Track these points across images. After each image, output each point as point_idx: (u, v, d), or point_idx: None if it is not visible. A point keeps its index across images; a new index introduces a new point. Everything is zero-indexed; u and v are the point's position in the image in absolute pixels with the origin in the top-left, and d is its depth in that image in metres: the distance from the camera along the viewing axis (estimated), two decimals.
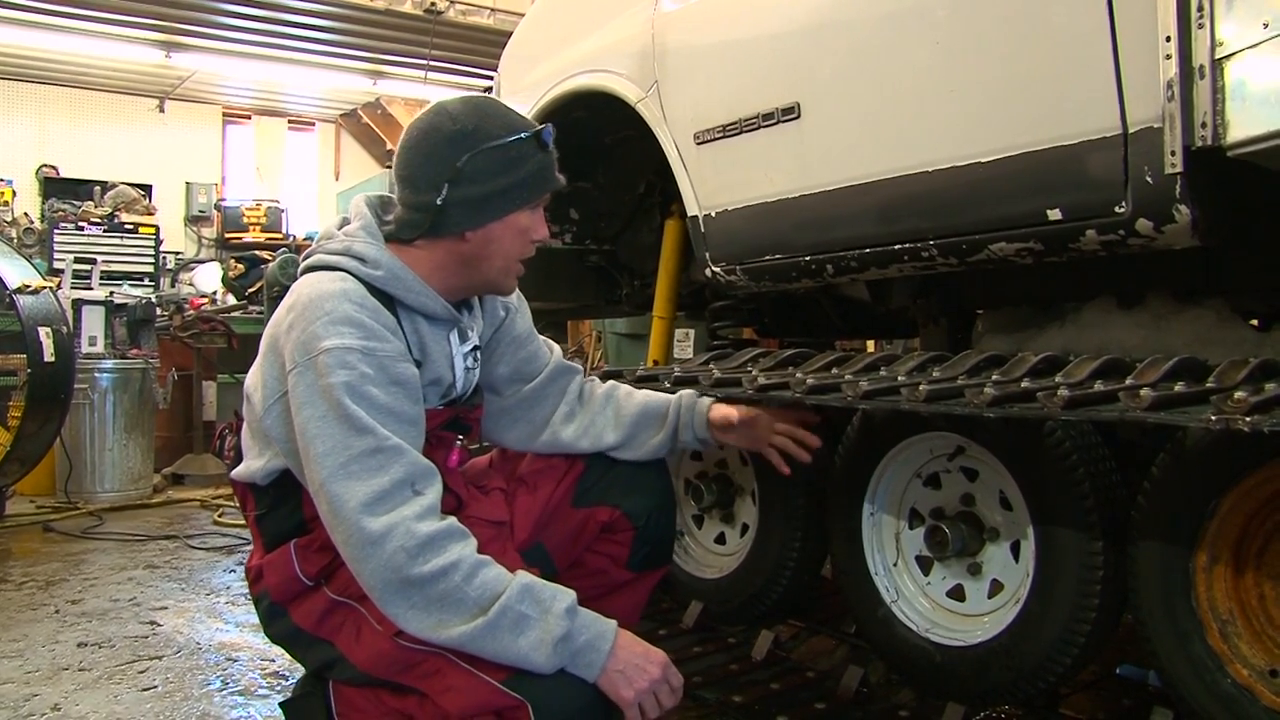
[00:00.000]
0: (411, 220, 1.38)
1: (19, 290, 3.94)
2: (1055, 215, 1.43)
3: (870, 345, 3.72)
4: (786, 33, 1.83)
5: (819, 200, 1.78)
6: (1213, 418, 1.12)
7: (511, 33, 2.87)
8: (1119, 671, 1.74)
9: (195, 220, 8.71)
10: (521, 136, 1.37)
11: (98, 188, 7.77)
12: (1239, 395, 1.14)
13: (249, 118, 9.36)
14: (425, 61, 6.97)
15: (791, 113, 1.81)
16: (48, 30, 6.70)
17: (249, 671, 2.23)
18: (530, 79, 2.58)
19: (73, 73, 7.91)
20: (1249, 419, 1.09)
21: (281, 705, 1.47)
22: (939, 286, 2.02)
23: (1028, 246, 1.51)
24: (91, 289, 5.11)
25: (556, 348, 1.70)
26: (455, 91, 1.57)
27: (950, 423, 1.63)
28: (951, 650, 1.64)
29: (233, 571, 3.22)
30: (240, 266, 6.44)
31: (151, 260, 7.53)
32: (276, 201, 8.77)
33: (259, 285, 5.85)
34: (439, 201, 1.34)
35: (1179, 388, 1.22)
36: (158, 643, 2.46)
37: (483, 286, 1.47)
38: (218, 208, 8.65)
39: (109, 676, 2.21)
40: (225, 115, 9.18)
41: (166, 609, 2.77)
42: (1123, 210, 1.35)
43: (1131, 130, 1.32)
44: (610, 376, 1.91)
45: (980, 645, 1.60)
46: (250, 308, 5.75)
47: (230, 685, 2.15)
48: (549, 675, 1.19)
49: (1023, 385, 1.36)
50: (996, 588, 1.65)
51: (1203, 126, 1.21)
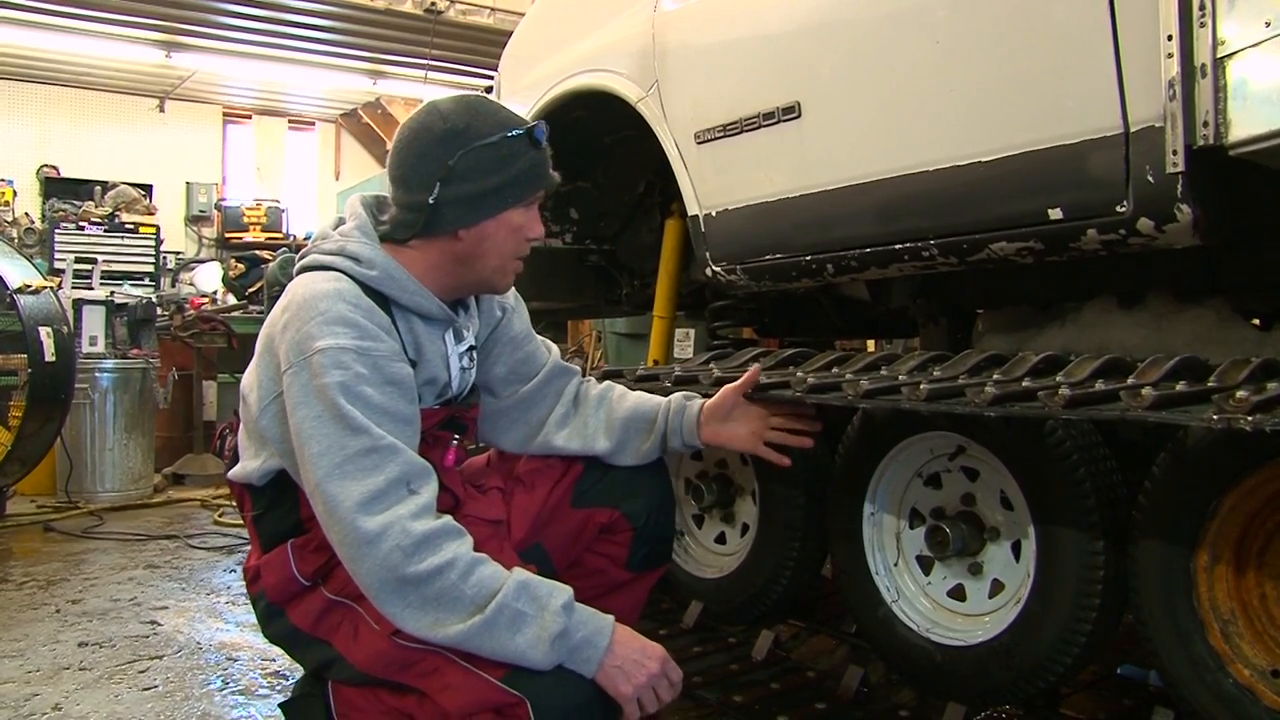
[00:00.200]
0: (405, 220, 1.38)
1: (20, 290, 3.94)
2: (1056, 214, 1.43)
3: (870, 345, 3.72)
4: (787, 32, 1.83)
5: (819, 200, 1.78)
6: (1214, 417, 1.12)
7: (511, 32, 2.87)
8: (1120, 671, 1.74)
9: (196, 220, 8.72)
10: (513, 134, 1.36)
11: (98, 188, 7.78)
12: (1240, 395, 1.14)
13: (249, 117, 9.36)
14: (425, 61, 6.97)
15: (792, 112, 1.81)
16: (49, 30, 6.71)
17: (249, 671, 2.23)
18: (530, 78, 2.58)
19: (74, 73, 7.92)
20: (1250, 418, 1.09)
21: (281, 706, 1.47)
22: (939, 286, 2.02)
23: (1028, 246, 1.50)
24: (92, 289, 5.12)
25: (555, 348, 1.70)
26: (455, 91, 1.56)
27: (951, 422, 1.63)
28: (952, 650, 1.64)
29: (233, 571, 3.22)
30: (240, 266, 6.44)
31: (152, 260, 7.54)
32: (277, 201, 8.78)
33: (259, 285, 5.86)
34: (431, 200, 1.34)
35: (1180, 387, 1.22)
36: (158, 642, 2.45)
37: (478, 285, 1.46)
38: (218, 207, 8.66)
39: (109, 676, 2.21)
40: (226, 115, 9.19)
41: (167, 609, 2.77)
42: (1124, 209, 1.35)
43: (1133, 129, 1.32)
44: (610, 376, 1.91)
45: (981, 645, 1.59)
46: (250, 307, 5.75)
47: (231, 685, 2.15)
48: (547, 672, 1.18)
49: (1023, 384, 1.35)
50: (997, 587, 1.65)
51: (1204, 125, 1.21)
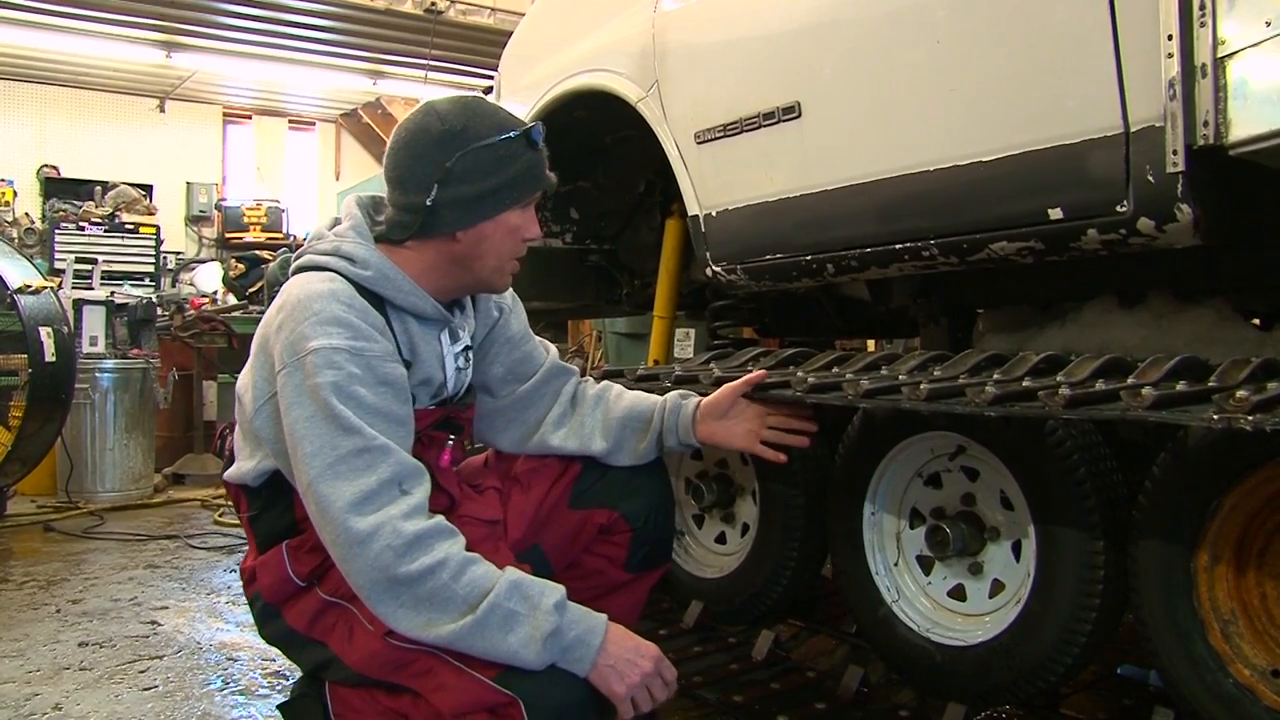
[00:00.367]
0: (402, 221, 1.38)
1: (20, 290, 3.94)
2: (1056, 214, 1.43)
3: (870, 345, 3.71)
4: (787, 32, 1.83)
5: (819, 200, 1.78)
6: (1214, 417, 1.12)
7: (512, 32, 2.87)
8: (1120, 671, 1.74)
9: (196, 220, 8.73)
10: (510, 135, 1.36)
11: (98, 188, 7.79)
12: (1241, 394, 1.14)
13: (249, 117, 9.37)
14: (425, 61, 6.97)
15: (792, 112, 1.81)
16: (48, 30, 6.72)
17: (249, 671, 2.23)
18: (530, 79, 2.58)
19: (73, 73, 7.92)
20: (1251, 418, 1.09)
21: (280, 708, 1.47)
22: (939, 286, 2.02)
23: (1029, 246, 1.50)
24: (92, 289, 5.12)
25: (553, 349, 1.69)
26: (456, 91, 1.56)
27: (951, 422, 1.63)
28: (952, 650, 1.64)
29: (233, 571, 3.21)
30: (241, 266, 6.44)
31: (152, 260, 7.55)
32: (277, 201, 8.79)
33: (259, 285, 5.86)
34: (429, 202, 1.34)
35: (1180, 387, 1.22)
36: (158, 642, 2.45)
37: (476, 286, 1.47)
38: (218, 208, 8.66)
39: (110, 676, 2.21)
40: (226, 115, 9.19)
41: (167, 609, 2.77)
42: (1124, 209, 1.35)
43: (1133, 129, 1.32)
44: (610, 376, 1.91)
45: (981, 645, 1.59)
46: (251, 307, 5.74)
47: (231, 685, 2.15)
48: (540, 671, 1.18)
49: (1024, 384, 1.35)
50: (997, 587, 1.65)
51: (1204, 125, 1.21)
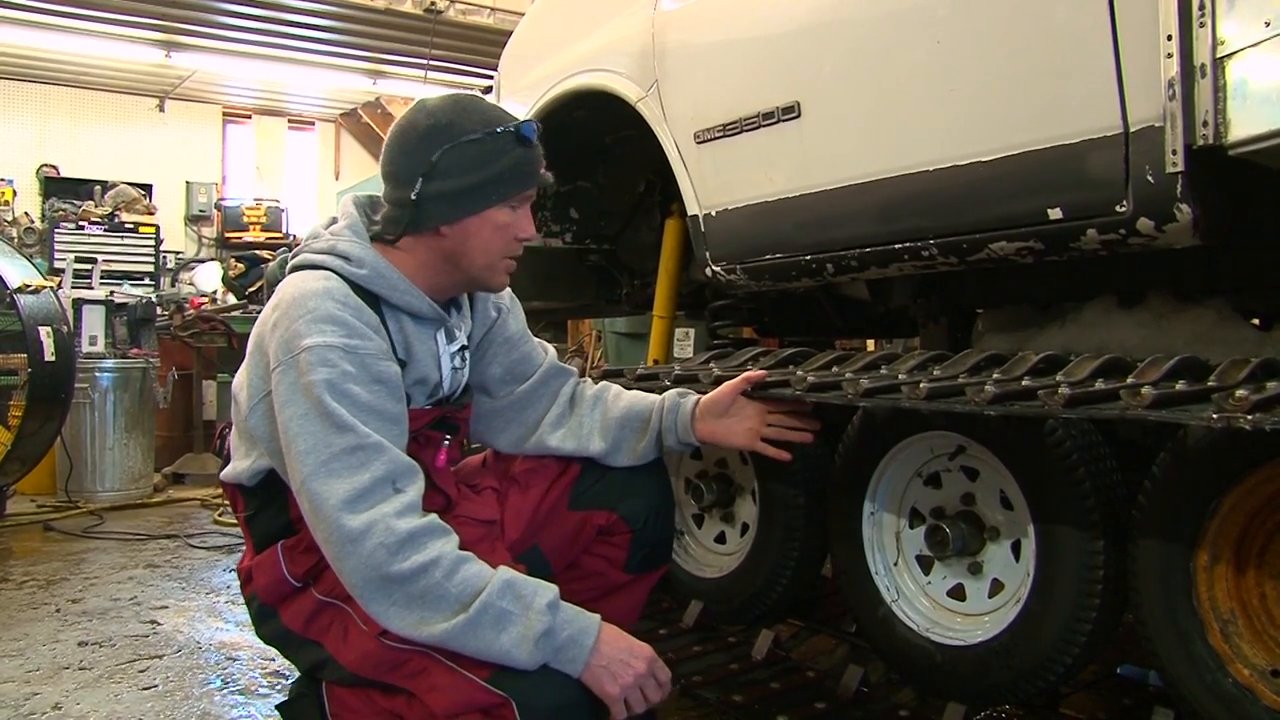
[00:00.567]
0: (393, 216, 1.38)
1: (20, 290, 3.94)
2: (1056, 214, 1.43)
3: (870, 344, 3.72)
4: (787, 32, 1.83)
5: (819, 199, 1.78)
6: (1214, 416, 1.12)
7: (512, 32, 2.87)
8: (1120, 671, 1.74)
9: (195, 220, 8.73)
10: (496, 131, 1.35)
11: (98, 187, 7.79)
12: (1240, 394, 1.14)
13: (249, 117, 9.36)
14: (425, 61, 6.97)
15: (792, 112, 1.81)
16: (48, 30, 6.71)
17: (249, 670, 2.23)
18: (530, 78, 2.57)
19: (73, 72, 7.92)
20: (1250, 417, 1.09)
21: (278, 708, 1.47)
22: (939, 286, 2.02)
23: (1028, 246, 1.50)
24: (92, 288, 5.11)
25: (551, 349, 1.69)
26: (455, 91, 1.56)
27: (951, 421, 1.63)
28: (952, 650, 1.64)
29: (233, 571, 3.21)
30: (240, 266, 6.44)
31: (152, 260, 7.55)
32: (277, 201, 8.79)
33: (259, 285, 5.86)
34: (413, 196, 1.34)
35: (1180, 386, 1.22)
36: (158, 642, 2.45)
37: (469, 284, 1.46)
38: (218, 207, 8.66)
39: (109, 675, 2.21)
40: (225, 115, 9.19)
41: (167, 608, 2.77)
42: (1124, 209, 1.35)
43: (1132, 129, 1.32)
44: (610, 376, 1.91)
45: (981, 645, 1.59)
46: (250, 307, 5.74)
47: (230, 684, 2.15)
48: (533, 672, 1.18)
49: (1023, 384, 1.35)
50: (997, 587, 1.65)
51: (1204, 125, 1.21)
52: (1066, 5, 1.39)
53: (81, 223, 7.36)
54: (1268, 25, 1.13)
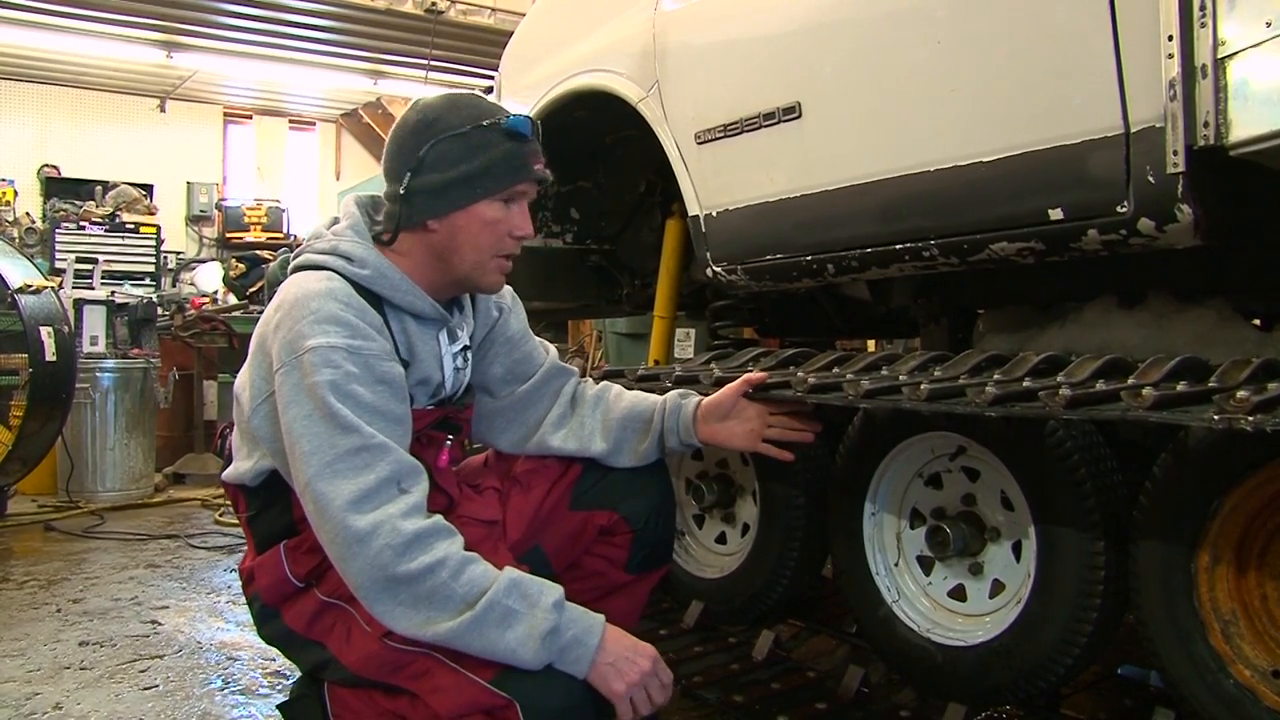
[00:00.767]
0: (389, 212, 1.38)
1: (21, 290, 3.94)
2: (1057, 215, 1.43)
3: (871, 345, 3.72)
4: (787, 32, 1.83)
5: (820, 200, 1.78)
6: (1215, 417, 1.12)
7: (512, 32, 2.87)
8: (1120, 672, 1.74)
9: (196, 220, 8.74)
10: (483, 124, 1.35)
11: (99, 187, 7.79)
12: (1241, 395, 1.14)
13: (250, 117, 9.37)
14: (426, 61, 6.97)
15: (792, 112, 1.81)
16: (49, 30, 6.72)
17: (250, 671, 2.23)
18: (531, 79, 2.58)
19: (74, 73, 7.93)
20: (1251, 418, 1.09)
21: (279, 708, 1.47)
22: (940, 286, 2.02)
23: (1029, 246, 1.50)
24: (93, 289, 5.12)
25: (553, 349, 1.69)
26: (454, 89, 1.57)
27: (952, 422, 1.63)
28: (952, 650, 1.64)
29: (234, 571, 3.21)
30: (241, 266, 6.44)
31: (153, 260, 7.55)
32: (277, 201, 8.79)
33: (260, 285, 5.86)
34: (402, 190, 1.34)
35: (1181, 387, 1.22)
36: (159, 642, 2.45)
37: (463, 282, 1.44)
38: (219, 207, 8.67)
39: (110, 675, 2.21)
40: (226, 115, 9.19)
41: (168, 608, 2.77)
42: (1124, 210, 1.35)
43: (1133, 129, 1.32)
44: (610, 376, 1.91)
45: (981, 645, 1.60)
46: (251, 307, 5.75)
47: (231, 684, 2.15)
48: (537, 673, 1.18)
49: (1024, 384, 1.35)
50: (998, 588, 1.65)
51: (1205, 126, 1.21)
52: (1067, 5, 1.39)
53: (82, 223, 7.37)
54: (1269, 26, 1.13)
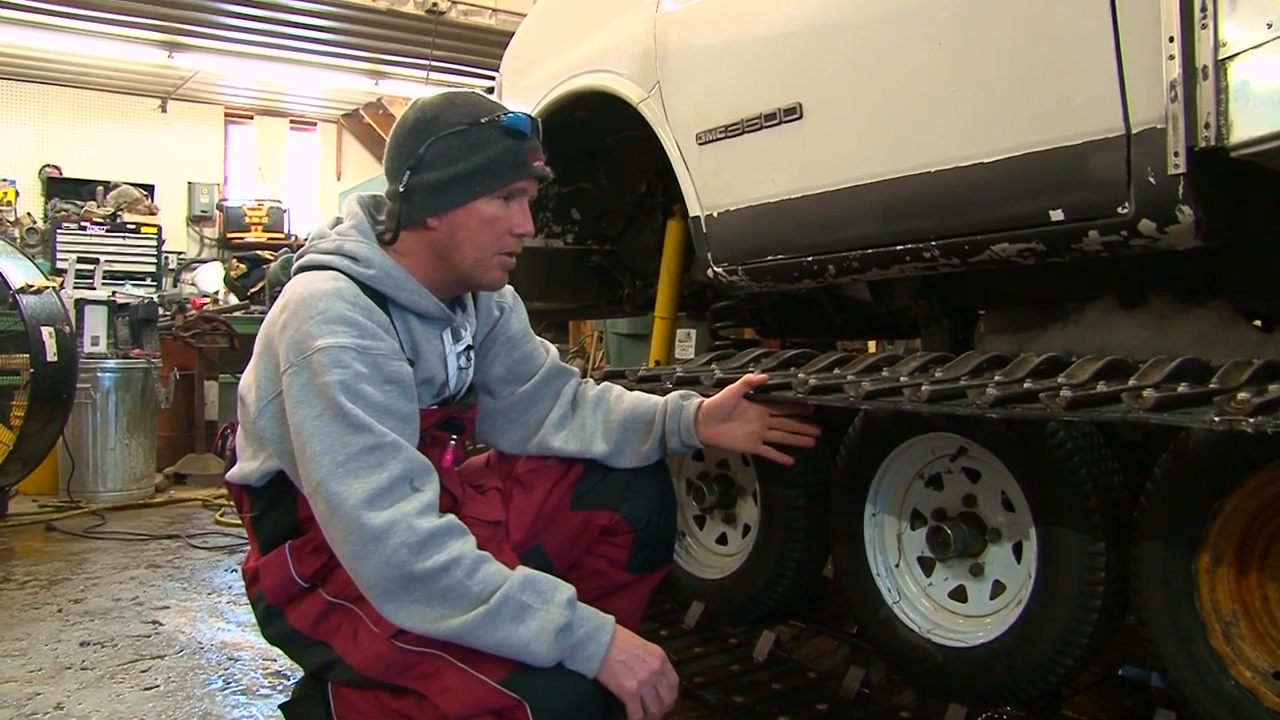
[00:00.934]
0: (390, 212, 1.39)
1: (22, 290, 3.94)
2: (1058, 216, 1.43)
3: (872, 346, 3.72)
4: (788, 33, 1.83)
5: (821, 201, 1.78)
6: (1216, 418, 1.12)
7: (513, 33, 2.87)
8: (1121, 673, 1.74)
9: (197, 220, 8.74)
10: (481, 122, 1.35)
11: (100, 188, 7.80)
12: (1242, 396, 1.14)
13: (251, 118, 9.38)
14: (427, 62, 6.97)
15: (793, 113, 1.81)
16: (49, 30, 6.72)
17: (251, 671, 2.23)
18: (532, 79, 2.58)
19: (75, 73, 7.93)
20: (1252, 420, 1.09)
21: (281, 707, 1.47)
22: (941, 287, 2.02)
23: (1030, 247, 1.50)
24: (94, 289, 5.13)
25: (553, 349, 1.69)
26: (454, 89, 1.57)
27: (952, 423, 1.63)
28: (953, 651, 1.64)
29: (234, 571, 3.21)
30: (242, 266, 6.45)
31: (154, 260, 7.56)
32: (278, 201, 8.80)
33: (261, 285, 5.86)
34: (401, 189, 1.35)
35: (1182, 388, 1.22)
36: (160, 642, 2.46)
37: (464, 281, 1.44)
38: (220, 208, 8.67)
39: (111, 675, 2.21)
40: (227, 115, 9.20)
41: (169, 608, 2.77)
42: (1125, 211, 1.35)
43: (1134, 131, 1.32)
44: (611, 377, 1.91)
45: (982, 646, 1.59)
46: (252, 308, 5.75)
47: (232, 685, 2.15)
48: (546, 674, 1.18)
49: (1025, 386, 1.35)
50: (998, 589, 1.65)
51: (1206, 127, 1.21)
52: (1068, 7, 1.39)
53: (84, 223, 7.38)
54: (1269, 27, 1.13)
